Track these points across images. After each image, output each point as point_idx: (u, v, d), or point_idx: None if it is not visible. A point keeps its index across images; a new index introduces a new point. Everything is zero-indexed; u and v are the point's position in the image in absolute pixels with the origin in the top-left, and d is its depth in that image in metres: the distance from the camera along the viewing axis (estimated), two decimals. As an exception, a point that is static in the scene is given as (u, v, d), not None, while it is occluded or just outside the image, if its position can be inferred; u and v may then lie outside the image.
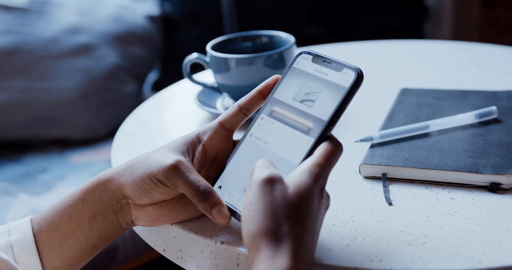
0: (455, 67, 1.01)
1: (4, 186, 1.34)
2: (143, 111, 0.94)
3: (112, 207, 0.57)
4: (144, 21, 1.69)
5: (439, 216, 0.59)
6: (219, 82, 0.86)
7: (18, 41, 1.50)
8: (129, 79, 1.62)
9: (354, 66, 0.54)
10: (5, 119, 1.50)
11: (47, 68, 1.52)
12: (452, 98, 0.82)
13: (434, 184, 0.64)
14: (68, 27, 1.56)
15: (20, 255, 0.56)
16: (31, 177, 1.39)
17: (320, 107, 0.55)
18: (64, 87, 1.52)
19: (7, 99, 1.48)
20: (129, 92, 1.62)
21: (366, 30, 1.97)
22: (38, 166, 1.45)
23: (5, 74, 1.49)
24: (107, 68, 1.57)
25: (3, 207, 1.26)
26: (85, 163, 1.45)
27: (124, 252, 1.24)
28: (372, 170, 0.66)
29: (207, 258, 0.58)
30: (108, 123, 1.57)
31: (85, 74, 1.54)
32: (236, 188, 0.57)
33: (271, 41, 0.89)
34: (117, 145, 0.83)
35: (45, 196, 1.30)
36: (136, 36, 1.65)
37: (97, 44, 1.57)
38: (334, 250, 0.55)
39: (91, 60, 1.55)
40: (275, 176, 0.49)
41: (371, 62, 1.07)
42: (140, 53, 1.66)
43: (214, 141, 0.59)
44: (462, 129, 0.73)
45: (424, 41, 1.17)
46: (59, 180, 1.38)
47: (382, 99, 0.86)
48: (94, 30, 1.58)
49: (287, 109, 0.56)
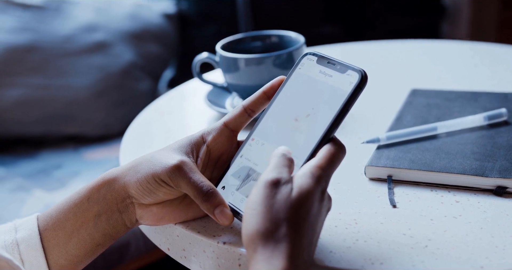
0: (468, 68, 1.00)
1: (20, 181, 1.36)
2: (152, 110, 0.95)
3: (116, 206, 0.58)
4: (160, 19, 1.70)
5: (443, 219, 0.58)
6: (228, 82, 0.86)
7: (35, 39, 1.52)
8: (144, 76, 1.63)
9: (358, 68, 0.54)
10: (22, 116, 1.51)
11: (63, 66, 1.53)
12: (462, 100, 0.81)
13: (440, 186, 0.64)
14: (84, 25, 1.57)
15: (25, 252, 0.57)
16: (46, 173, 1.41)
17: (324, 108, 0.54)
18: (79, 84, 1.53)
19: (23, 95, 1.50)
20: (144, 90, 1.63)
21: (382, 29, 1.96)
22: (53, 162, 1.46)
23: (21, 71, 1.51)
24: (122, 66, 1.58)
25: (18, 203, 1.28)
26: (99, 159, 1.47)
27: (135, 249, 1.25)
28: (377, 172, 0.66)
29: (209, 258, 0.58)
30: (122, 120, 1.58)
31: (101, 72, 1.55)
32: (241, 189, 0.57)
33: (281, 40, 0.89)
34: (126, 143, 0.83)
35: (59, 192, 1.32)
36: (152, 34, 1.66)
37: (113, 42, 1.58)
38: (335, 252, 0.55)
39: (106, 57, 1.57)
40: (281, 179, 0.50)
41: (383, 62, 1.07)
42: (156, 51, 1.67)
43: (218, 141, 0.59)
44: (471, 131, 0.72)
45: (438, 41, 1.16)
46: (74, 176, 1.39)
47: (392, 100, 0.86)
48: (110, 28, 1.59)
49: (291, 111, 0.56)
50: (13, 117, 1.51)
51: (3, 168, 1.42)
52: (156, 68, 1.70)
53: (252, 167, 0.57)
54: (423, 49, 1.12)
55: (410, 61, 1.06)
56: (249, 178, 0.57)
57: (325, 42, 1.29)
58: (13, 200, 1.29)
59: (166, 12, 1.72)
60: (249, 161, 0.57)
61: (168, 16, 1.72)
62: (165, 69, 1.76)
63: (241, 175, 0.57)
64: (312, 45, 1.17)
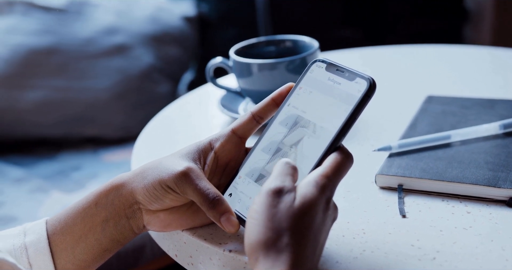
0: (487, 74, 0.98)
1: (38, 183, 1.38)
2: (166, 114, 0.95)
3: (124, 211, 0.58)
4: (180, 22, 1.70)
5: (453, 230, 0.57)
6: (241, 87, 0.86)
7: (56, 41, 1.54)
8: (164, 79, 1.64)
9: (367, 76, 0.53)
10: (42, 117, 1.53)
11: (83, 68, 1.54)
12: (479, 107, 0.80)
13: (451, 196, 0.63)
14: (105, 27, 1.59)
15: (34, 256, 0.57)
16: (64, 175, 1.42)
17: (331, 116, 0.54)
18: (99, 86, 1.54)
19: (44, 97, 1.52)
20: (164, 92, 1.63)
21: (403, 33, 1.94)
22: (72, 164, 1.47)
23: (42, 73, 1.52)
24: (142, 68, 1.59)
25: (36, 204, 1.29)
26: (118, 162, 1.48)
27: (150, 252, 1.25)
28: (388, 181, 0.65)
29: (215, 266, 0.58)
30: (142, 122, 1.58)
31: (120, 74, 1.56)
32: (246, 196, 0.56)
33: (295, 45, 0.88)
34: (139, 147, 0.83)
35: (77, 193, 1.33)
36: (172, 36, 1.67)
37: (133, 45, 1.59)
38: (341, 263, 0.54)
39: (126, 60, 1.58)
40: (284, 188, 0.49)
41: (400, 67, 1.06)
42: (175, 53, 1.68)
43: (226, 148, 0.59)
44: (485, 140, 0.71)
45: (457, 46, 1.15)
46: (92, 178, 1.40)
47: (407, 106, 0.85)
48: (130, 31, 1.60)
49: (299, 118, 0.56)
50: (33, 119, 1.53)
51: (23, 169, 1.44)
52: (176, 71, 1.70)
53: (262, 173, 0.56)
54: (442, 54, 1.11)
55: (428, 66, 1.05)
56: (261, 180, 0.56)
57: (344, 46, 1.28)
58: (31, 201, 1.30)
59: (186, 15, 1.72)
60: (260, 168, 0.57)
61: (188, 19, 1.73)
62: (184, 72, 1.76)
63: (254, 174, 0.57)
64: (332, 49, 1.16)
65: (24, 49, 1.52)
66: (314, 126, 0.54)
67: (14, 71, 1.51)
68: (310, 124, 0.55)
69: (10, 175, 1.41)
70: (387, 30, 1.95)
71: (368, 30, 1.94)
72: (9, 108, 1.51)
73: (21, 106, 1.51)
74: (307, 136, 0.55)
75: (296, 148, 0.55)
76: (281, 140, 0.56)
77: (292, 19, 1.88)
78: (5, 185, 1.37)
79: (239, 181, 0.57)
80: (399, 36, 1.92)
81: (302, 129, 0.55)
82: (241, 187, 0.57)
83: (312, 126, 0.55)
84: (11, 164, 1.47)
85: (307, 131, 0.55)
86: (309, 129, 0.55)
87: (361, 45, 1.26)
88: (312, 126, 0.55)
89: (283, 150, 0.56)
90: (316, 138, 0.54)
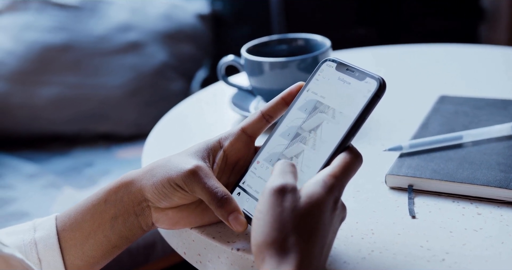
0: (500, 75, 0.97)
1: (51, 178, 1.38)
2: (178, 111, 0.95)
3: (133, 209, 0.58)
4: (194, 19, 1.70)
5: (463, 232, 0.57)
6: (253, 85, 0.86)
7: (70, 38, 1.55)
8: (177, 76, 1.64)
9: (377, 76, 0.53)
10: (56, 114, 1.54)
11: (97, 65, 1.55)
12: (492, 108, 0.79)
13: (462, 198, 0.62)
14: (119, 24, 1.59)
15: (43, 252, 0.58)
16: (77, 171, 1.43)
17: (341, 116, 0.54)
18: (113, 83, 1.55)
19: (58, 94, 1.53)
20: (177, 90, 1.64)
21: (418, 32, 1.93)
22: (85, 160, 1.48)
23: (56, 70, 1.53)
24: (155, 66, 1.59)
25: (48, 200, 1.30)
26: (131, 159, 1.48)
27: (161, 249, 1.26)
28: (398, 181, 0.65)
29: (223, 264, 0.58)
30: (155, 120, 1.58)
31: (134, 71, 1.57)
32: (254, 195, 0.56)
33: (307, 44, 0.88)
34: (149, 144, 0.84)
35: (89, 190, 1.34)
36: (185, 34, 1.67)
37: (147, 42, 1.60)
38: (349, 263, 0.54)
39: (140, 57, 1.58)
40: (287, 186, 0.49)
41: (414, 66, 1.05)
42: (189, 51, 1.68)
43: (236, 147, 0.59)
44: (498, 141, 0.70)
45: (471, 46, 1.14)
46: (104, 174, 1.41)
47: (419, 106, 0.84)
48: (144, 28, 1.61)
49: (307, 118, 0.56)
50: (47, 115, 1.54)
51: (36, 165, 1.45)
52: (189, 68, 1.71)
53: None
54: (455, 54, 1.10)
55: (441, 66, 1.04)
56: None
57: (358, 45, 1.27)
58: (44, 197, 1.31)
59: (200, 13, 1.72)
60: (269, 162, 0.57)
61: (202, 17, 1.73)
62: (198, 69, 1.76)
63: (272, 159, 0.57)
64: (345, 47, 1.16)
65: (38, 45, 1.53)
66: (334, 111, 0.54)
67: (28, 67, 1.52)
68: (329, 109, 0.55)
69: (23, 171, 1.42)
70: (401, 30, 1.94)
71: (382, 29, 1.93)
72: (24, 104, 1.52)
73: (35, 103, 1.52)
74: (326, 121, 0.54)
75: (315, 133, 0.55)
76: (300, 125, 0.56)
77: (306, 18, 1.88)
78: (18, 180, 1.38)
79: (258, 166, 0.57)
80: (414, 36, 1.91)
81: (322, 114, 0.55)
82: (259, 172, 0.57)
83: (332, 111, 0.54)
84: (25, 159, 1.48)
85: (326, 116, 0.54)
86: (328, 114, 0.54)
87: (375, 44, 1.25)
88: (332, 112, 0.54)
89: (302, 135, 0.55)
90: (335, 123, 0.54)
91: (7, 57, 1.52)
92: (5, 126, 1.54)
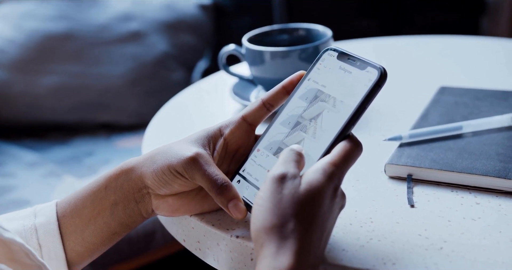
0: (500, 66, 0.98)
1: (51, 167, 1.39)
2: (179, 100, 0.95)
3: (133, 195, 0.58)
4: (195, 9, 1.70)
5: (461, 221, 0.57)
6: (254, 75, 0.86)
7: (71, 27, 1.54)
8: (178, 66, 1.64)
9: (378, 65, 0.53)
10: (57, 103, 1.54)
11: (98, 54, 1.55)
12: (492, 99, 0.79)
13: (461, 187, 0.63)
14: (120, 14, 1.59)
15: (43, 238, 0.58)
16: (77, 160, 1.43)
17: (341, 105, 0.54)
18: (114, 73, 1.55)
19: (59, 83, 1.53)
20: (177, 80, 1.64)
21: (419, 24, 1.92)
22: (85, 149, 1.49)
23: (58, 59, 1.53)
24: (156, 56, 1.59)
25: (48, 188, 1.30)
26: (131, 148, 1.49)
27: (161, 237, 1.26)
28: (397, 170, 0.65)
29: (222, 251, 0.59)
30: (155, 109, 1.57)
31: (135, 61, 1.57)
32: (254, 183, 0.57)
33: (308, 34, 0.88)
34: (150, 133, 0.84)
35: (89, 179, 1.34)
36: (187, 24, 1.67)
37: (148, 32, 1.60)
38: (347, 251, 0.54)
39: (141, 47, 1.58)
40: (287, 174, 0.49)
41: (414, 58, 1.05)
42: (190, 41, 1.68)
43: (236, 135, 0.59)
44: (497, 132, 0.70)
45: (472, 38, 1.14)
46: (104, 164, 1.41)
47: (420, 97, 0.84)
48: (145, 18, 1.60)
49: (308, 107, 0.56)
50: (48, 104, 1.54)
51: (37, 154, 1.45)
52: (190, 58, 1.70)
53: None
54: (456, 46, 1.10)
55: (441, 57, 1.04)
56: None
57: (360, 37, 1.27)
58: (44, 185, 1.32)
59: (202, 3, 1.72)
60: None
61: (204, 7, 1.72)
62: (199, 59, 1.76)
63: (273, 148, 0.57)
64: (347, 39, 1.16)
65: (40, 34, 1.53)
66: (334, 100, 0.54)
67: (30, 56, 1.52)
68: (330, 98, 0.55)
69: (23, 159, 1.43)
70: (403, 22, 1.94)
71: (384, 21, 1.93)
72: (25, 93, 1.53)
73: (36, 91, 1.52)
74: (326, 110, 0.54)
75: (316, 122, 0.55)
76: (300, 114, 0.56)
77: (308, 9, 1.87)
78: (18, 169, 1.39)
79: (258, 154, 0.58)
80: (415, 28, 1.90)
81: (322, 103, 0.55)
82: (259, 160, 0.57)
83: (332, 100, 0.54)
84: (25, 148, 1.48)
85: (327, 105, 0.55)
86: (329, 103, 0.55)
87: (377, 36, 1.25)
88: (332, 100, 0.54)
89: (303, 123, 0.56)
90: (336, 112, 0.54)
91: (8, 45, 1.52)
92: (5, 115, 1.55)
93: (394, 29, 1.91)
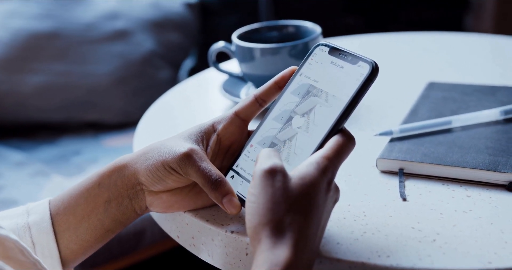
0: (487, 62, 0.99)
1: (39, 167, 1.38)
2: (167, 99, 0.95)
3: (127, 192, 0.58)
4: (182, 8, 1.70)
5: (453, 213, 0.58)
6: (244, 72, 0.86)
7: (57, 26, 1.53)
8: (165, 65, 1.64)
9: (369, 60, 0.54)
10: (43, 102, 1.53)
11: (84, 53, 1.54)
12: (479, 94, 0.80)
13: (452, 181, 0.63)
14: (106, 12, 1.58)
15: (37, 235, 0.58)
16: (65, 159, 1.43)
17: (333, 100, 0.54)
18: (100, 71, 1.54)
19: (45, 82, 1.52)
20: (164, 78, 1.63)
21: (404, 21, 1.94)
22: (72, 149, 1.48)
23: (44, 58, 1.52)
24: (143, 54, 1.59)
25: (36, 188, 1.30)
26: (118, 147, 1.48)
27: (151, 236, 1.26)
28: (389, 165, 0.66)
29: (217, 247, 0.59)
30: (142, 108, 1.57)
31: (121, 59, 1.56)
32: (248, 178, 0.57)
33: (297, 31, 0.89)
34: (140, 130, 0.84)
35: (77, 178, 1.33)
36: (173, 22, 1.67)
37: (134, 30, 1.59)
38: (342, 244, 0.54)
39: (127, 45, 1.57)
40: (276, 167, 0.49)
41: (402, 54, 1.06)
42: (176, 39, 1.67)
43: (229, 130, 0.59)
44: (486, 126, 0.71)
45: (458, 34, 1.15)
46: (92, 162, 1.41)
47: (409, 93, 0.85)
48: (131, 16, 1.60)
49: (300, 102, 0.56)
50: (34, 103, 1.53)
51: (24, 153, 1.44)
52: (177, 57, 1.70)
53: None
54: (443, 42, 1.11)
55: (429, 54, 1.05)
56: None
57: (346, 33, 1.28)
58: (32, 185, 1.31)
59: (188, 1, 1.72)
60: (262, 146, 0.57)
61: (190, 5, 1.72)
62: (185, 58, 1.76)
63: (266, 143, 0.57)
64: (333, 36, 1.16)
65: (25, 33, 1.51)
66: (326, 95, 0.55)
67: (15, 55, 1.51)
68: (322, 93, 0.55)
69: (10, 159, 1.42)
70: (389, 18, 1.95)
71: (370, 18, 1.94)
72: (10, 92, 1.51)
73: (22, 90, 1.51)
74: (319, 104, 0.55)
75: (308, 117, 0.55)
76: (293, 109, 0.56)
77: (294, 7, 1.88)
78: (5, 168, 1.38)
79: (251, 149, 0.58)
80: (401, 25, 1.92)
81: (314, 98, 0.55)
82: (252, 155, 0.58)
83: (324, 95, 0.55)
84: (12, 148, 1.47)
85: (319, 100, 0.55)
86: (321, 98, 0.55)
87: (363, 33, 1.26)
88: (324, 95, 0.55)
89: (295, 118, 0.56)
90: (328, 107, 0.54)
91: (-7, 44, 1.51)
92: (-9, 114, 1.53)
93: (380, 26, 1.92)
